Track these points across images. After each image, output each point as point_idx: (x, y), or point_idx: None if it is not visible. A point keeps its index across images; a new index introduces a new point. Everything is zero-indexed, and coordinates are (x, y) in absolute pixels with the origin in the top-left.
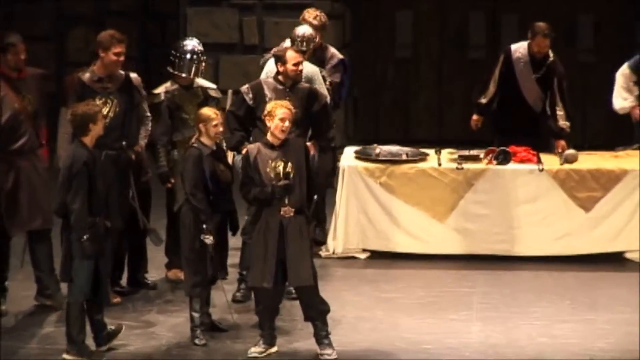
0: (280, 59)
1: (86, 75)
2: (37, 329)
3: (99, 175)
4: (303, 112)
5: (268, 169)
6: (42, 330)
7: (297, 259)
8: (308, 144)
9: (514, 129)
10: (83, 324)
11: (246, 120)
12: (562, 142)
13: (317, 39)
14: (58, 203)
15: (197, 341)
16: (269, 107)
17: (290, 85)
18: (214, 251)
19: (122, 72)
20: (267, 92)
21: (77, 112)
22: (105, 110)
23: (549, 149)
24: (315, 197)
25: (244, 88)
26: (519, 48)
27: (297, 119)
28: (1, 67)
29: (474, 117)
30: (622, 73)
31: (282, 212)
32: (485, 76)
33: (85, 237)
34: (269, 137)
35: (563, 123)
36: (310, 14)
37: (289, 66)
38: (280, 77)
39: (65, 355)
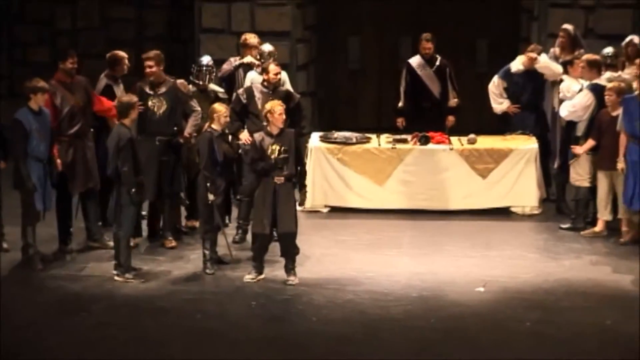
0: (264, 70)
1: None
2: (92, 261)
3: (138, 148)
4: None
5: (269, 150)
6: (97, 262)
7: (285, 214)
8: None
9: (424, 115)
10: (129, 254)
11: (242, 114)
12: (452, 118)
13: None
14: (112, 168)
15: (207, 271)
16: (268, 107)
17: (272, 89)
18: (220, 207)
19: (170, 79)
20: (256, 94)
21: (121, 102)
22: (154, 107)
23: (444, 126)
24: (299, 168)
25: (240, 91)
26: (414, 58)
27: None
28: (58, 74)
29: (399, 119)
30: (493, 83)
31: (275, 180)
32: (397, 87)
33: (132, 190)
34: (270, 127)
35: (453, 100)
36: (251, 35)
37: (271, 75)
38: (265, 83)
39: (116, 277)
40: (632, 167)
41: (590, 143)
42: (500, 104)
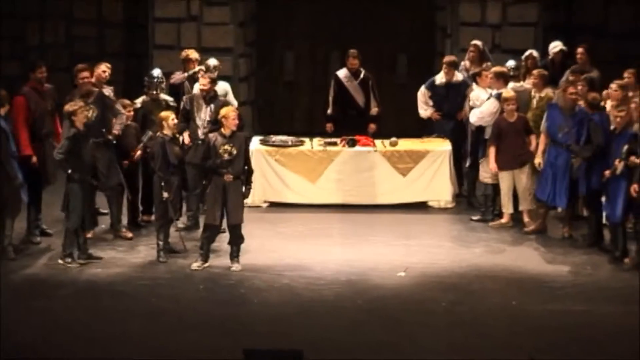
0: (197, 81)
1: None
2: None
3: (86, 147)
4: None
5: (221, 150)
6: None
7: (234, 207)
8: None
9: (350, 121)
10: (72, 242)
11: (185, 117)
12: (373, 125)
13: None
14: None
15: (161, 259)
16: (223, 112)
17: (208, 97)
18: (174, 202)
19: (96, 89)
20: (197, 101)
21: (65, 111)
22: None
23: (367, 132)
24: (246, 167)
25: (184, 99)
26: (341, 71)
27: (214, 119)
28: (31, 82)
29: (328, 125)
30: (420, 92)
31: (225, 178)
32: (326, 97)
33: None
34: (223, 130)
35: (374, 109)
36: (192, 51)
37: (201, 86)
38: (203, 93)
39: (59, 261)
40: (551, 167)
41: (492, 150)
42: (425, 110)
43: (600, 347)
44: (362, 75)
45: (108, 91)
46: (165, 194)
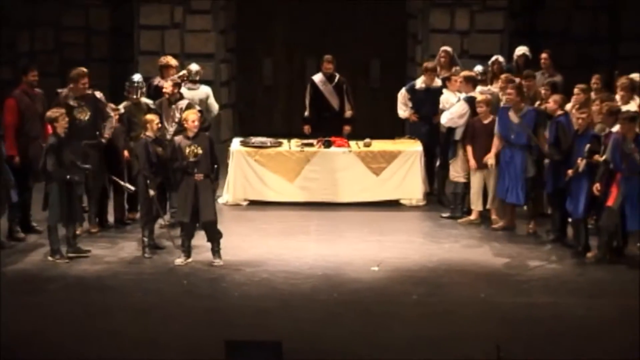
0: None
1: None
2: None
3: (66, 151)
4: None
5: (187, 152)
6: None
7: (205, 205)
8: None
9: (325, 124)
10: (57, 239)
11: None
12: (347, 127)
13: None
14: (41, 164)
15: (146, 255)
16: (184, 115)
17: (173, 100)
18: (157, 200)
19: (90, 91)
20: (164, 105)
21: (48, 116)
22: (79, 116)
23: (342, 133)
24: (215, 166)
25: (156, 103)
26: (317, 76)
27: (179, 121)
28: (22, 86)
29: (305, 127)
30: (401, 93)
31: (195, 177)
32: (303, 100)
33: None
34: (187, 132)
35: (348, 112)
36: (170, 58)
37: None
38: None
39: (49, 257)
40: (506, 167)
41: (469, 149)
42: (404, 111)
43: (564, 337)
44: (336, 80)
45: (99, 95)
46: (151, 192)
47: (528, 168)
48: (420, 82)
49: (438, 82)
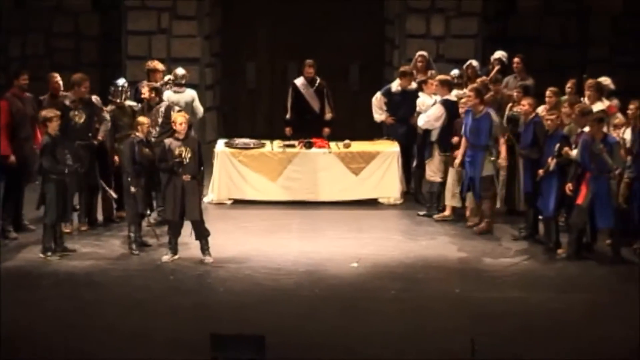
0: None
1: (65, 98)
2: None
3: (60, 150)
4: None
5: (176, 153)
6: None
7: (191, 205)
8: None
9: (306, 126)
10: (51, 237)
11: None
12: (327, 129)
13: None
14: (37, 165)
15: (133, 252)
16: (173, 117)
17: (154, 103)
18: (143, 198)
19: (87, 95)
20: (146, 109)
21: (43, 115)
22: (76, 118)
23: (323, 135)
24: (202, 168)
25: (141, 106)
26: (298, 79)
27: (161, 124)
28: (13, 89)
29: (287, 129)
30: (376, 97)
31: (183, 178)
32: (285, 103)
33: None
34: (176, 134)
35: (328, 115)
36: (157, 62)
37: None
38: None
39: (40, 255)
40: (467, 166)
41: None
42: (380, 114)
43: (537, 330)
44: (317, 83)
45: (96, 99)
46: (132, 189)
47: (484, 167)
48: (396, 85)
49: (413, 85)
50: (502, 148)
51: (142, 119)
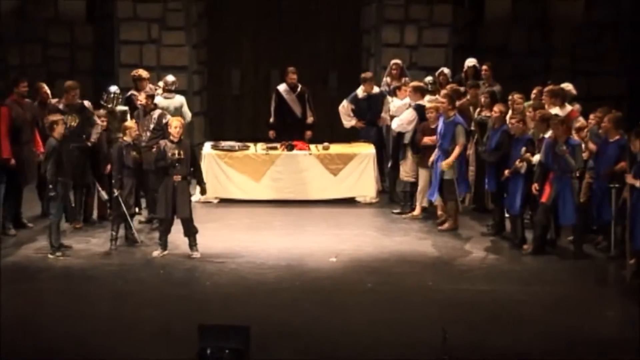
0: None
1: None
2: (34, 242)
3: (64, 155)
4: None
5: (170, 154)
6: (39, 242)
7: (182, 203)
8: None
9: (289, 129)
10: (58, 236)
11: None
12: (309, 132)
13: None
14: (43, 169)
15: (112, 247)
16: (170, 121)
17: (148, 109)
18: (128, 199)
19: (79, 100)
20: (141, 114)
21: (50, 120)
22: (69, 122)
23: (304, 138)
24: (194, 169)
25: (136, 112)
26: (281, 85)
27: (154, 128)
28: (13, 96)
29: (270, 132)
30: (343, 105)
31: (174, 178)
32: (269, 108)
33: (54, 185)
34: (171, 137)
35: (310, 119)
36: (143, 71)
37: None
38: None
39: (49, 255)
40: (435, 168)
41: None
42: (349, 121)
43: (503, 320)
44: (299, 89)
45: (88, 104)
46: (115, 191)
47: (445, 171)
48: (361, 92)
49: (376, 89)
50: (454, 152)
51: (129, 123)
